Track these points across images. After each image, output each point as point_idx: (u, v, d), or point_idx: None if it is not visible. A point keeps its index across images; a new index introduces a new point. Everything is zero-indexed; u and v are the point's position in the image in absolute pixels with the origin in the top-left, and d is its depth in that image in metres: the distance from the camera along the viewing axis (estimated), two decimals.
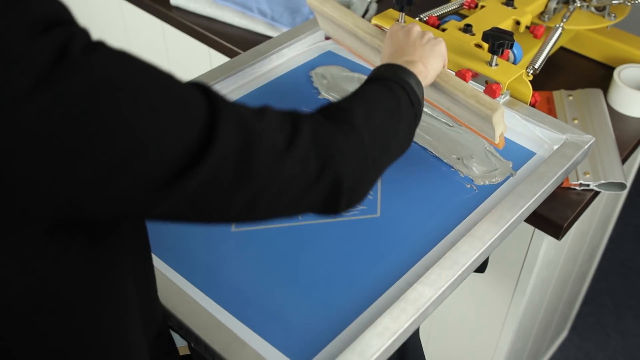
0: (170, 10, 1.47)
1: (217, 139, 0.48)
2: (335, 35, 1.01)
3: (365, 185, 0.63)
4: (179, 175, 0.46)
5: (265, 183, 0.53)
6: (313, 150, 0.57)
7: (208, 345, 0.68)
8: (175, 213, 0.49)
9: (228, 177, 0.50)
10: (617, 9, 1.23)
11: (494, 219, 0.82)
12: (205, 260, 0.79)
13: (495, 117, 0.84)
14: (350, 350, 0.68)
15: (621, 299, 2.08)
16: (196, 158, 0.47)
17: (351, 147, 0.60)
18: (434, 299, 0.73)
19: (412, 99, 0.72)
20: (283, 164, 0.54)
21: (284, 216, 0.58)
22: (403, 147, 0.71)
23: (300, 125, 0.57)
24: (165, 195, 0.46)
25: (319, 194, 0.58)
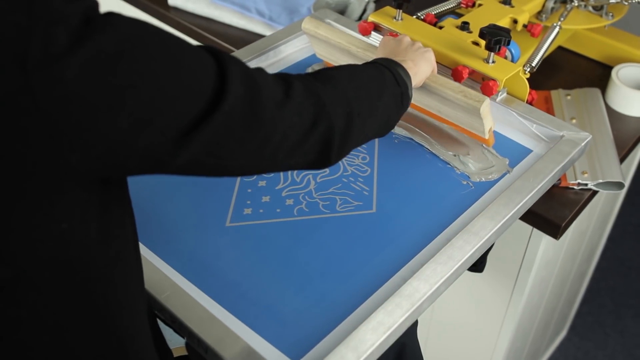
0: (169, 10, 1.48)
1: (229, 89, 0.53)
2: (327, 55, 1.04)
3: (352, 138, 0.68)
4: (199, 123, 0.51)
5: (271, 129, 0.58)
6: (306, 100, 0.63)
7: (201, 339, 0.68)
8: (195, 163, 0.54)
9: (239, 124, 0.55)
10: (615, 8, 1.23)
11: (490, 215, 0.82)
12: (199, 255, 0.79)
13: (482, 108, 0.86)
14: (345, 345, 0.67)
15: (620, 298, 2.07)
16: (212, 106, 0.52)
17: (338, 97, 0.67)
18: (429, 295, 0.73)
19: (397, 79, 0.77)
20: (284, 112, 0.60)
21: (284, 165, 0.63)
22: (389, 117, 0.76)
23: (291, 80, 0.63)
24: (188, 143, 0.51)
25: (315, 142, 0.63)
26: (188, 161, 0.53)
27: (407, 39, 0.90)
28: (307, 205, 0.86)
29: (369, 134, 0.73)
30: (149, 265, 0.75)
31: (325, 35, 0.98)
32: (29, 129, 0.44)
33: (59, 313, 0.54)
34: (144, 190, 0.87)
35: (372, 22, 1.06)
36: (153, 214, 0.84)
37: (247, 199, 0.86)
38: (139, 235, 0.79)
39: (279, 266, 0.78)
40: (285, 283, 0.76)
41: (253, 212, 0.85)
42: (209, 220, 0.83)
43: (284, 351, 0.70)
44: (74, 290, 0.54)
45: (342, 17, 1.15)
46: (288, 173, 0.91)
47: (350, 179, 0.90)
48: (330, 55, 1.03)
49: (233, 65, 0.55)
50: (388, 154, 0.95)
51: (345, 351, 0.67)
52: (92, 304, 0.56)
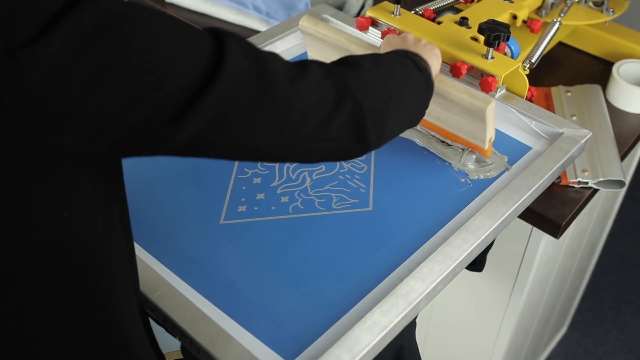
0: (165, 6, 1.46)
1: (227, 57, 0.51)
2: (322, 57, 1.01)
3: (389, 121, 0.66)
4: (197, 95, 0.49)
5: (285, 105, 0.56)
6: (327, 80, 0.60)
7: (193, 339, 0.67)
8: (203, 141, 0.52)
9: (247, 96, 0.53)
10: (616, 3, 1.21)
11: (488, 213, 0.80)
12: (192, 253, 0.78)
13: (488, 110, 0.82)
14: (339, 345, 0.66)
15: (621, 294, 2.07)
16: (210, 76, 0.50)
17: (365, 81, 0.64)
18: (426, 294, 0.72)
19: (419, 66, 0.74)
20: (299, 88, 0.57)
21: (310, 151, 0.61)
22: (420, 103, 0.74)
23: (308, 63, 0.61)
24: (188, 118, 0.49)
25: (342, 123, 0.61)
26: (192, 138, 0.51)
27: (411, 36, 0.87)
28: (303, 202, 0.85)
29: (404, 119, 0.71)
30: (141, 263, 0.74)
31: (324, 33, 0.95)
32: (21, 111, 0.44)
33: (61, 307, 0.53)
34: (137, 187, 0.86)
35: (369, 17, 1.05)
36: (145, 211, 0.83)
37: (241, 196, 0.85)
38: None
39: (274, 265, 0.77)
40: (279, 282, 0.75)
41: (247, 209, 0.84)
42: (203, 217, 0.82)
43: (278, 351, 0.68)
44: (76, 283, 0.53)
45: (339, 13, 1.14)
46: (283, 170, 0.89)
47: (346, 176, 0.89)
48: (326, 56, 1.00)
49: (232, 37, 0.53)
50: (385, 151, 0.93)
51: (339, 352, 0.66)
52: (94, 298, 0.55)
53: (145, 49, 0.47)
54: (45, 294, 0.52)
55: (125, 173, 0.59)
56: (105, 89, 0.45)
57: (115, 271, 0.57)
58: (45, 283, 0.52)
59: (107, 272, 0.56)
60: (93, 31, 0.45)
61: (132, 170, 0.88)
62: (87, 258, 0.53)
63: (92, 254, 0.53)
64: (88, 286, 0.54)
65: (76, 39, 0.44)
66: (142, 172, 0.88)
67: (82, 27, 0.44)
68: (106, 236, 0.54)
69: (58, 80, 0.44)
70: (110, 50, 0.45)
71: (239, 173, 0.89)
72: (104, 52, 0.45)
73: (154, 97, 0.47)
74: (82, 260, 0.53)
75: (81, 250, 0.52)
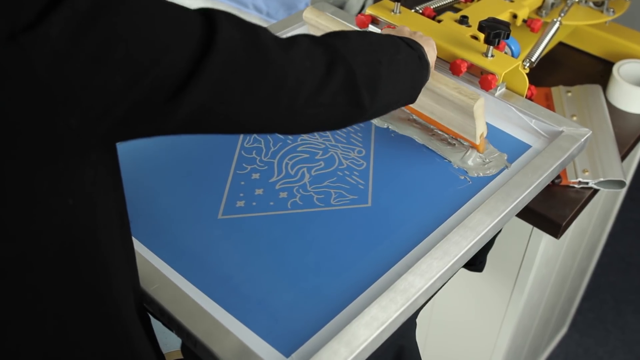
0: None
1: (219, 28, 0.52)
2: None
3: (382, 85, 0.68)
4: (196, 66, 0.50)
5: (280, 70, 0.57)
6: (315, 47, 0.62)
7: (190, 332, 0.66)
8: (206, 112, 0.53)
9: (243, 65, 0.54)
10: (616, 3, 1.21)
11: (487, 210, 0.80)
12: (190, 247, 0.78)
13: (476, 106, 0.83)
14: (337, 340, 0.66)
15: (621, 294, 2.06)
16: (205, 48, 0.51)
17: (353, 48, 0.66)
18: (424, 290, 0.71)
19: (410, 44, 0.76)
20: (292, 54, 0.59)
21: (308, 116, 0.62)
22: (413, 76, 0.76)
23: (296, 35, 0.63)
24: (190, 89, 0.50)
25: (337, 86, 0.62)
26: (194, 111, 0.52)
27: (407, 29, 0.89)
28: (301, 198, 0.85)
29: (397, 86, 0.72)
30: (139, 256, 0.74)
31: (325, 25, 0.97)
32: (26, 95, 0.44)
33: (60, 299, 0.53)
34: (135, 180, 0.86)
35: (369, 15, 1.05)
36: (143, 204, 0.83)
37: (240, 192, 0.85)
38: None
39: (272, 260, 0.77)
40: (277, 277, 0.75)
41: (246, 204, 0.83)
42: (201, 212, 0.82)
43: (276, 346, 0.68)
44: (75, 275, 0.53)
45: (339, 11, 1.14)
46: (282, 165, 0.89)
47: (345, 172, 0.89)
48: None
49: (221, 13, 0.55)
50: (384, 147, 0.93)
51: (337, 346, 0.65)
52: (93, 290, 0.55)
53: (140, 27, 0.47)
54: (43, 285, 0.52)
55: (124, 167, 0.59)
56: (106, 69, 0.46)
57: (114, 263, 0.57)
58: (44, 274, 0.51)
59: (105, 264, 0.56)
60: (89, 13, 0.45)
61: (131, 164, 0.88)
62: (87, 249, 0.53)
63: (93, 245, 0.53)
64: (88, 278, 0.54)
65: (74, 22, 0.44)
66: (141, 165, 0.88)
67: (78, 9, 0.45)
68: (104, 226, 0.54)
69: (61, 63, 0.44)
70: (108, 31, 0.46)
71: (238, 168, 0.89)
72: (101, 32, 0.45)
73: (154, 73, 0.48)
74: (82, 251, 0.53)
75: (83, 241, 0.52)
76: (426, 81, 0.79)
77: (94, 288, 0.55)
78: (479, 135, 0.88)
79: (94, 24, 0.45)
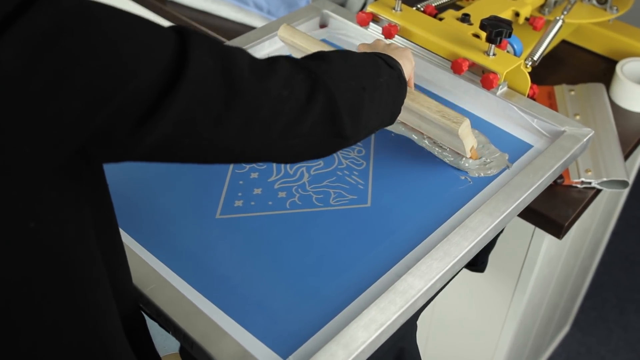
0: (165, 4, 1.46)
1: (191, 56, 0.49)
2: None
3: (364, 112, 0.65)
4: (160, 97, 0.47)
5: (254, 102, 0.54)
6: (297, 74, 0.59)
7: (187, 334, 0.66)
8: (171, 144, 0.50)
9: (214, 96, 0.51)
10: (620, 1, 1.20)
11: (488, 211, 0.79)
12: (187, 247, 0.77)
13: (461, 130, 0.81)
14: (335, 342, 0.65)
15: (624, 292, 2.05)
16: (174, 77, 0.48)
17: (336, 72, 0.63)
18: (424, 291, 0.71)
19: (389, 63, 0.73)
20: (267, 84, 0.56)
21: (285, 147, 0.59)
22: (395, 98, 0.73)
23: (277, 58, 0.60)
24: (155, 120, 0.47)
25: (316, 116, 0.59)
26: (158, 141, 0.49)
27: (382, 42, 0.87)
28: (300, 198, 0.84)
29: (379, 112, 0.69)
30: (135, 257, 0.73)
31: (300, 45, 0.94)
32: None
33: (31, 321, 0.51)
34: (132, 180, 0.85)
35: (370, 13, 1.04)
36: (140, 204, 0.82)
37: (238, 191, 0.84)
38: (126, 226, 0.78)
39: (270, 260, 0.76)
40: (275, 278, 0.74)
41: (244, 204, 0.83)
42: (199, 211, 0.81)
43: (273, 348, 0.68)
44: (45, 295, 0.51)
45: (340, 8, 1.13)
46: (281, 165, 0.88)
47: (345, 172, 0.88)
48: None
49: (195, 36, 0.52)
50: (384, 147, 0.92)
51: (335, 348, 0.65)
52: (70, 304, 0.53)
53: (105, 50, 0.44)
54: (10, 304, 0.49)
55: (121, 166, 0.58)
56: (63, 95, 0.43)
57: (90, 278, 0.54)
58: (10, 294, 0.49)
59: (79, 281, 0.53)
60: (49, 34, 0.42)
61: (128, 164, 0.86)
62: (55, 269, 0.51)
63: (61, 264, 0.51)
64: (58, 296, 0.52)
65: (30, 44, 0.41)
66: (138, 164, 0.87)
67: (37, 30, 0.42)
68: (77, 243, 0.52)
69: (12, 90, 0.41)
70: (68, 54, 0.43)
71: (236, 168, 0.88)
72: (61, 56, 0.42)
73: (116, 100, 0.45)
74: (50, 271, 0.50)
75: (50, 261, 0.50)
76: (404, 99, 0.77)
77: (66, 305, 0.53)
78: (468, 151, 0.87)
79: (54, 47, 0.42)
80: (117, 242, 0.62)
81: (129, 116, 0.46)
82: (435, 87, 1.02)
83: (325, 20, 1.14)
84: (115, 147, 0.48)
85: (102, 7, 0.46)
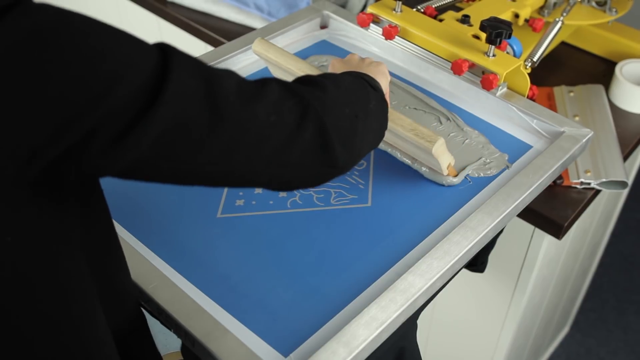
0: (166, 5, 1.46)
1: (170, 78, 0.47)
2: (282, 76, 0.97)
3: (359, 139, 0.63)
4: (137, 118, 0.45)
5: (237, 127, 0.51)
6: (287, 99, 0.56)
7: (188, 331, 0.66)
8: (148, 166, 0.48)
9: (195, 119, 0.48)
10: (619, 3, 1.21)
11: (488, 210, 0.80)
12: (189, 246, 0.77)
13: (435, 149, 0.79)
14: (336, 340, 0.66)
15: (623, 294, 2.05)
16: (151, 99, 0.46)
17: (330, 99, 0.60)
18: (424, 290, 0.71)
19: (372, 85, 0.70)
20: (254, 109, 0.53)
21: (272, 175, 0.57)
22: (381, 123, 0.70)
23: (268, 81, 0.57)
24: (127, 142, 0.45)
25: (306, 145, 0.57)
26: (133, 164, 0.47)
27: (355, 57, 0.84)
28: (301, 197, 0.84)
29: (370, 138, 0.67)
30: (137, 255, 0.73)
31: (275, 60, 0.92)
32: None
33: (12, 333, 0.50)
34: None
35: (371, 14, 1.05)
36: (142, 203, 0.82)
37: (239, 190, 0.85)
38: (128, 224, 0.78)
39: (271, 259, 0.76)
40: (276, 276, 0.75)
41: (245, 203, 0.83)
42: (200, 211, 0.82)
43: (274, 345, 0.68)
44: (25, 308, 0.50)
45: (340, 9, 1.14)
46: None
47: None
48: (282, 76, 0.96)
49: (179, 56, 0.49)
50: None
51: (336, 346, 0.65)
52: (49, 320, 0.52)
53: (79, 66, 0.42)
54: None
55: None
56: (34, 112, 0.41)
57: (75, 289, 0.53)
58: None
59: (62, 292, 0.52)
60: (21, 47, 0.40)
61: None
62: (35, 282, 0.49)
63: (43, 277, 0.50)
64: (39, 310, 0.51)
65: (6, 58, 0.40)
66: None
67: (8, 43, 0.40)
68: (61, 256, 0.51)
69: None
70: (41, 69, 0.41)
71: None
72: (32, 71, 0.41)
73: (89, 119, 0.43)
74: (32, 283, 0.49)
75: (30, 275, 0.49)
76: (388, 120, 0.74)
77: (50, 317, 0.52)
78: (444, 168, 0.84)
79: (25, 61, 0.41)
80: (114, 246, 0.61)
81: (102, 135, 0.44)
82: (435, 87, 1.02)
83: (326, 22, 1.14)
84: (87, 166, 0.46)
85: (81, 21, 0.44)
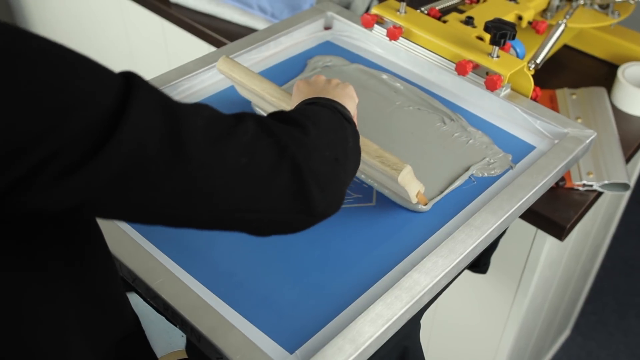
0: (169, 7, 1.47)
1: (129, 113, 0.43)
2: (247, 96, 0.97)
3: (339, 183, 0.59)
4: (89, 155, 0.41)
5: (201, 169, 0.47)
6: (262, 140, 0.52)
7: (194, 327, 0.66)
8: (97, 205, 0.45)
9: (153, 160, 0.44)
10: (621, 6, 1.22)
11: (492, 209, 0.80)
12: (194, 243, 0.77)
13: (401, 177, 0.76)
14: (342, 336, 0.66)
15: (624, 297, 2.05)
16: (107, 135, 0.42)
17: (310, 141, 0.56)
18: (430, 287, 0.71)
19: (346, 117, 0.67)
20: (223, 150, 0.49)
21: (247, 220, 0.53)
22: (356, 161, 0.66)
23: (244, 118, 0.53)
24: (74, 180, 0.41)
25: (280, 189, 0.52)
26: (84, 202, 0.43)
27: (321, 78, 0.80)
28: None
29: (348, 179, 0.63)
30: (143, 252, 0.73)
31: (239, 80, 0.90)
32: None
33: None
34: None
35: (375, 15, 1.05)
36: None
37: None
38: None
39: (277, 256, 0.77)
40: (282, 274, 0.75)
41: None
42: None
43: (280, 342, 0.68)
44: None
45: (344, 10, 1.14)
46: None
47: None
48: (248, 95, 0.96)
49: (143, 88, 0.45)
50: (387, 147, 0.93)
51: (342, 343, 0.65)
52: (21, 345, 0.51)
53: (29, 95, 0.39)
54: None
55: None
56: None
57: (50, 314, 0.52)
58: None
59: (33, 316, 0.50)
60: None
61: None
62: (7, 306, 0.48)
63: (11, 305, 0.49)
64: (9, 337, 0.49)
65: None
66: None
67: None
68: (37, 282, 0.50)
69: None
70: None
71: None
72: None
73: (34, 154, 0.39)
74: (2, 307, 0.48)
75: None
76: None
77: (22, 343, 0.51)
78: (413, 197, 0.81)
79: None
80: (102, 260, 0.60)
81: (48, 171, 0.41)
82: (439, 88, 1.02)
83: (330, 23, 1.15)
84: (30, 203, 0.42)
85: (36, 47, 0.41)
